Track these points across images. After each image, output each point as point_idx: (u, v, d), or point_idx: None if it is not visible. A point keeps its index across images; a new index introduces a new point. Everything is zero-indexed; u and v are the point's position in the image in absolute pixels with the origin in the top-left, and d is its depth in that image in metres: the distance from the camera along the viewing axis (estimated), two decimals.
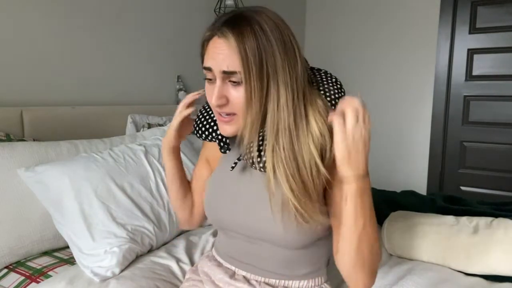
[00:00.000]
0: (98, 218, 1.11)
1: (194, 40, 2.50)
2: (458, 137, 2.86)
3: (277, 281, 0.84)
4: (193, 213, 1.00)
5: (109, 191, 1.17)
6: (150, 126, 1.76)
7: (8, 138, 1.32)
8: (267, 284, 0.85)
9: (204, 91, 0.80)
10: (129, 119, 1.78)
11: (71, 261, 1.14)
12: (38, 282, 1.04)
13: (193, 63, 2.35)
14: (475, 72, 2.76)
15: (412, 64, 2.97)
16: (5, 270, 1.12)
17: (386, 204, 1.57)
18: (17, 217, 1.15)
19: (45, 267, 1.10)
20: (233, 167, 0.82)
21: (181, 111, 0.90)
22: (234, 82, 0.72)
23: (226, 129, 0.77)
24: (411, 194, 1.74)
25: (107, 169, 1.21)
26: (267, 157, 0.72)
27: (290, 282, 0.84)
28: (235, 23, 0.71)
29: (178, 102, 2.21)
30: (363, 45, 3.17)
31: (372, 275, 0.77)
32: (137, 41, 1.99)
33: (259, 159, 0.73)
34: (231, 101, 0.73)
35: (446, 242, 1.17)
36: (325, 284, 0.89)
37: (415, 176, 3.03)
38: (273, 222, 0.75)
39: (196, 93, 0.90)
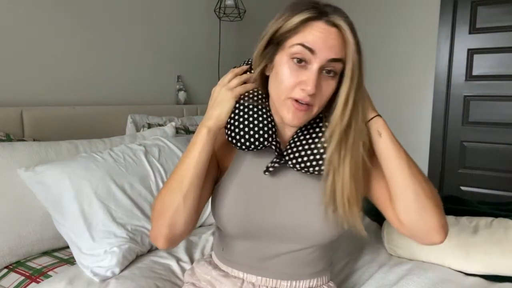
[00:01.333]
0: (98, 218, 1.11)
1: (194, 40, 2.52)
2: (458, 137, 2.86)
3: (288, 283, 0.84)
4: (189, 229, 0.79)
5: (109, 191, 1.17)
6: (150, 126, 1.76)
7: (8, 138, 1.32)
8: None
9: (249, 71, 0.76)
10: (129, 119, 1.78)
11: (71, 261, 1.14)
12: (38, 282, 1.04)
13: (193, 63, 2.35)
14: (475, 72, 2.76)
15: (412, 64, 2.97)
16: (5, 270, 1.12)
17: None
18: (17, 217, 1.15)
19: (45, 267, 1.10)
20: (268, 169, 0.76)
21: (245, 86, 0.76)
22: (329, 74, 0.71)
23: (300, 118, 0.71)
24: None
25: (107, 169, 1.21)
26: (328, 156, 0.71)
27: (300, 282, 0.84)
28: (345, 16, 0.72)
29: (178, 102, 2.21)
30: (363, 45, 3.15)
31: (442, 212, 0.75)
32: (137, 41, 1.99)
33: (318, 163, 0.72)
34: (319, 93, 0.71)
35: (446, 242, 1.17)
36: (331, 282, 0.90)
37: None
38: (315, 222, 0.76)
39: (246, 70, 0.79)
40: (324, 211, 0.75)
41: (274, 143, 0.76)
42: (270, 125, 0.75)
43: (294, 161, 0.74)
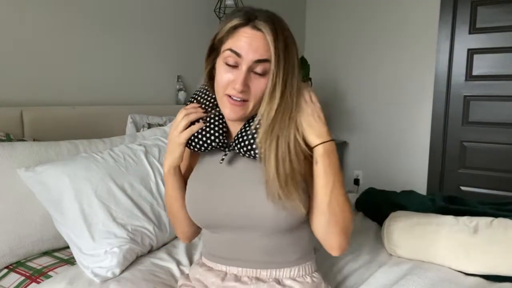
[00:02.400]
0: (98, 218, 1.11)
1: (194, 40, 2.52)
2: (458, 137, 2.86)
3: (268, 272, 0.87)
4: (197, 228, 0.99)
5: (109, 191, 1.17)
6: (150, 126, 1.76)
7: (8, 138, 1.32)
8: (259, 279, 0.87)
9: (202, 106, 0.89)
10: (129, 119, 1.78)
11: (71, 261, 1.14)
12: (38, 283, 1.04)
13: (193, 63, 2.35)
14: (475, 72, 2.77)
15: (412, 64, 2.98)
16: (5, 270, 1.12)
17: (386, 204, 1.57)
18: (18, 217, 1.15)
19: (45, 267, 1.10)
20: (223, 159, 0.86)
21: (191, 128, 0.87)
22: (258, 73, 0.80)
23: (236, 112, 0.81)
24: (411, 194, 1.74)
25: (107, 169, 1.21)
26: (262, 143, 0.79)
27: (281, 271, 0.87)
28: (268, 19, 0.80)
29: (178, 102, 2.21)
30: (363, 45, 3.17)
31: (346, 236, 0.84)
32: (137, 41, 1.99)
33: (252, 146, 0.81)
34: (251, 89, 0.80)
35: (446, 242, 1.17)
36: (315, 273, 0.92)
37: (415, 176, 3.03)
38: (265, 205, 0.80)
39: (199, 108, 0.90)
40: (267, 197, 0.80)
41: (220, 143, 0.87)
42: (222, 131, 0.87)
43: (239, 146, 0.83)
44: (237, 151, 0.84)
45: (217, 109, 0.89)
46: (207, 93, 0.92)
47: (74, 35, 1.71)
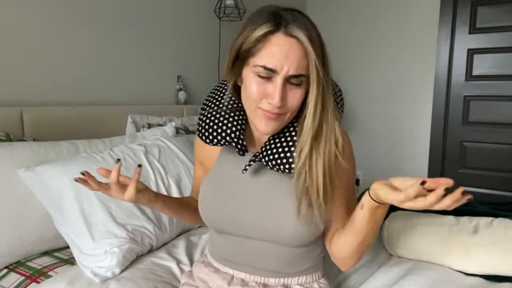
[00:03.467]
0: (98, 218, 1.11)
1: (195, 40, 2.51)
2: (458, 137, 2.86)
3: (276, 280, 0.86)
4: None
5: None
6: (150, 126, 1.76)
7: (8, 138, 1.32)
8: (266, 285, 0.86)
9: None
10: (129, 119, 1.78)
11: (71, 261, 1.14)
12: (38, 283, 1.04)
13: (193, 63, 2.35)
14: (475, 72, 2.77)
15: (412, 64, 2.97)
16: (5, 270, 1.12)
17: None
18: (18, 217, 1.15)
19: (45, 267, 1.10)
20: (246, 169, 0.81)
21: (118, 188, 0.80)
22: (295, 84, 0.73)
23: (272, 125, 0.75)
24: None
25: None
26: (302, 159, 0.74)
27: (289, 279, 0.86)
28: (305, 25, 0.72)
29: (178, 102, 2.21)
30: (363, 45, 3.17)
31: (357, 260, 0.85)
32: (137, 41, 1.99)
33: (288, 161, 0.76)
34: (287, 102, 0.73)
35: (446, 242, 1.17)
36: (322, 279, 0.91)
37: (415, 176, 3.02)
38: (287, 221, 0.78)
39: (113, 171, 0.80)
40: (296, 212, 0.77)
41: (236, 140, 0.80)
42: (237, 124, 0.81)
43: (267, 158, 0.78)
44: (265, 163, 0.79)
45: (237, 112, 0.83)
46: (220, 95, 0.86)
47: (74, 35, 1.71)
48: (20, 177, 1.17)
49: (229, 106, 0.83)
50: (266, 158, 0.78)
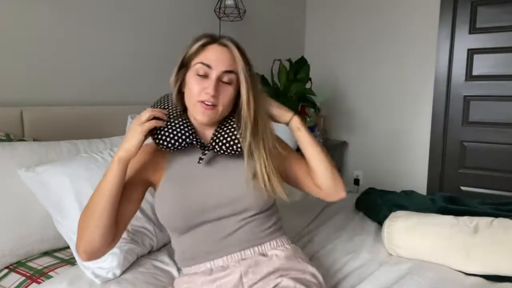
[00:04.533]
0: None
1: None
2: (458, 137, 2.86)
3: (251, 250, 0.95)
4: (108, 243, 0.88)
5: None
6: None
7: (8, 138, 1.32)
8: (244, 259, 0.93)
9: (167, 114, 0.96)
10: (129, 119, 1.78)
11: (71, 261, 1.14)
12: (39, 283, 1.04)
13: None
14: (475, 72, 2.77)
15: (412, 64, 2.98)
16: (6, 271, 1.12)
17: (386, 204, 1.57)
18: (18, 217, 1.15)
19: (46, 267, 1.10)
20: (201, 158, 0.94)
21: (155, 120, 0.90)
22: (226, 83, 0.95)
23: (209, 115, 0.93)
24: (411, 194, 1.74)
25: None
26: (247, 138, 0.93)
27: (262, 246, 0.96)
28: (233, 40, 0.99)
29: None
30: (363, 45, 3.17)
31: (341, 178, 1.06)
32: (137, 41, 1.99)
33: (235, 142, 0.94)
34: (220, 96, 0.94)
35: (446, 242, 1.17)
36: (292, 244, 1.04)
37: (415, 176, 3.03)
38: (247, 192, 0.93)
39: (163, 112, 0.95)
40: (250, 182, 0.93)
41: (195, 140, 0.94)
42: (188, 128, 0.95)
43: (217, 147, 0.94)
44: (218, 149, 0.94)
45: (183, 116, 0.98)
46: (169, 103, 1.01)
47: (74, 35, 1.70)
48: (20, 177, 1.17)
49: (175, 114, 0.97)
50: (217, 147, 0.94)
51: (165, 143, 0.91)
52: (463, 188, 2.88)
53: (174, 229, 0.97)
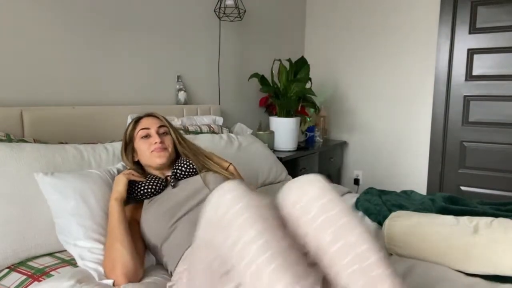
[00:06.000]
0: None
1: (195, 40, 2.51)
2: (458, 137, 2.86)
3: None
4: (138, 263, 1.05)
5: None
6: None
7: (8, 138, 1.33)
8: None
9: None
10: (129, 119, 1.78)
11: (72, 262, 1.13)
12: (40, 281, 1.03)
13: (193, 63, 2.35)
14: (475, 72, 2.77)
15: (412, 64, 2.98)
16: (6, 270, 1.12)
17: (386, 204, 1.57)
18: (23, 219, 1.15)
19: (47, 266, 1.10)
20: (173, 185, 1.24)
21: (130, 175, 1.22)
22: (164, 133, 1.32)
23: (164, 156, 1.26)
24: (411, 194, 1.74)
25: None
26: (198, 164, 1.31)
27: None
28: (152, 113, 1.35)
29: (178, 102, 2.21)
30: (363, 45, 3.17)
31: None
32: (137, 41, 1.99)
33: (194, 167, 1.29)
34: (165, 141, 1.29)
35: (446, 242, 1.17)
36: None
37: (415, 176, 3.03)
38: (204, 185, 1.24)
39: (133, 173, 1.25)
40: (205, 178, 1.27)
41: (165, 182, 1.26)
42: (158, 178, 1.24)
43: (182, 172, 1.28)
44: (182, 174, 1.27)
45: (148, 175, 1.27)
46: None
47: (74, 35, 1.71)
48: (27, 179, 1.19)
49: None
50: (182, 171, 1.27)
51: (147, 195, 1.20)
52: (463, 188, 2.88)
53: (161, 231, 1.11)
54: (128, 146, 1.31)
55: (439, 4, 2.81)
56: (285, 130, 2.54)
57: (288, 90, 2.51)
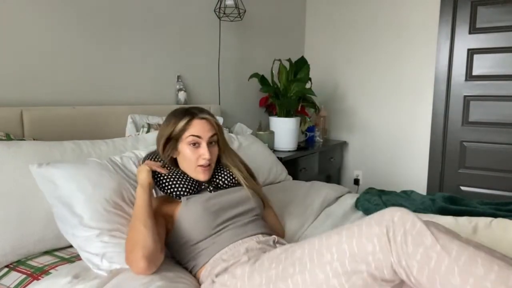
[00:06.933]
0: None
1: (195, 40, 2.51)
2: (458, 137, 2.86)
3: (261, 236, 1.16)
4: (159, 247, 1.03)
5: (116, 204, 1.17)
6: (150, 126, 1.76)
7: (8, 138, 1.33)
8: (263, 241, 1.14)
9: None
10: (129, 119, 1.79)
11: (72, 260, 1.14)
12: (39, 280, 1.04)
13: (193, 63, 2.36)
14: (475, 72, 2.77)
15: (412, 64, 2.98)
16: (6, 269, 1.12)
17: (386, 204, 1.57)
18: (21, 215, 1.15)
19: (46, 265, 1.11)
20: (210, 190, 1.23)
21: (152, 165, 1.18)
22: (212, 144, 1.22)
23: (208, 174, 1.21)
24: (411, 194, 1.74)
25: (118, 181, 1.22)
26: (238, 175, 1.29)
27: (265, 236, 1.17)
28: (208, 113, 1.24)
29: (178, 102, 2.21)
30: (363, 45, 3.17)
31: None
32: (137, 41, 1.99)
33: (235, 182, 1.28)
34: (212, 155, 1.21)
35: None
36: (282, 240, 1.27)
37: (415, 176, 3.03)
38: (249, 196, 1.25)
39: (158, 164, 1.22)
40: (248, 191, 1.27)
41: (202, 186, 1.23)
42: (193, 184, 1.21)
43: (221, 182, 1.27)
44: (223, 185, 1.26)
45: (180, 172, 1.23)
46: (160, 159, 1.26)
47: (74, 35, 1.71)
48: (25, 176, 1.18)
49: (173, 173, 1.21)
50: (221, 182, 1.27)
51: (181, 194, 1.17)
52: (463, 188, 2.88)
53: (204, 229, 1.11)
54: (170, 142, 1.21)
55: (439, 4, 2.81)
56: (285, 130, 2.54)
57: (288, 90, 2.51)
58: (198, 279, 1.09)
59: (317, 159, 2.81)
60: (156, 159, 1.26)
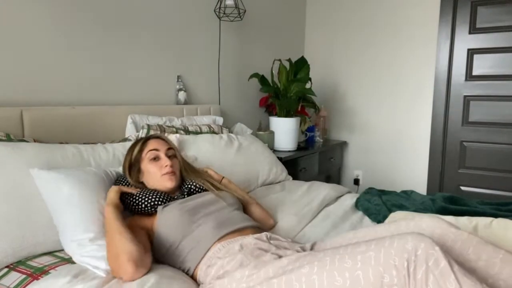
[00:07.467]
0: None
1: (194, 40, 2.51)
2: (458, 137, 2.86)
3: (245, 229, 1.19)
4: (148, 249, 1.07)
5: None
6: (150, 126, 1.76)
7: (8, 138, 1.33)
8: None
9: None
10: (129, 119, 1.79)
11: (72, 261, 1.14)
12: (39, 280, 1.04)
13: (193, 63, 2.35)
14: (475, 72, 2.77)
15: (412, 64, 2.98)
16: (6, 269, 1.12)
17: (386, 204, 1.57)
18: (23, 217, 1.15)
19: (46, 265, 1.10)
20: (184, 196, 1.29)
21: (121, 188, 1.22)
22: (170, 156, 1.32)
23: (174, 179, 1.28)
24: (411, 194, 1.74)
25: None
26: (205, 182, 1.35)
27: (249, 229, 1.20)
28: (161, 136, 1.37)
29: (178, 102, 2.21)
30: (363, 45, 3.17)
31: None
32: (137, 41, 1.99)
33: (202, 188, 1.33)
34: (174, 165, 1.30)
35: None
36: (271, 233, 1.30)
37: (415, 176, 3.03)
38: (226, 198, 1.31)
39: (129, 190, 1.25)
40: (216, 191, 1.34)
41: (169, 198, 1.26)
42: (163, 195, 1.25)
43: (193, 187, 1.33)
44: (193, 188, 1.32)
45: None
46: (127, 182, 1.30)
47: (74, 35, 1.71)
48: (27, 178, 1.18)
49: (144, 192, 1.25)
50: (193, 187, 1.33)
51: (152, 209, 1.20)
52: (463, 188, 2.88)
53: (184, 227, 1.13)
54: (134, 167, 1.29)
55: (439, 4, 2.81)
56: (285, 130, 2.54)
57: (288, 90, 2.51)
58: (196, 280, 1.08)
59: (317, 159, 2.81)
60: (127, 185, 1.30)
